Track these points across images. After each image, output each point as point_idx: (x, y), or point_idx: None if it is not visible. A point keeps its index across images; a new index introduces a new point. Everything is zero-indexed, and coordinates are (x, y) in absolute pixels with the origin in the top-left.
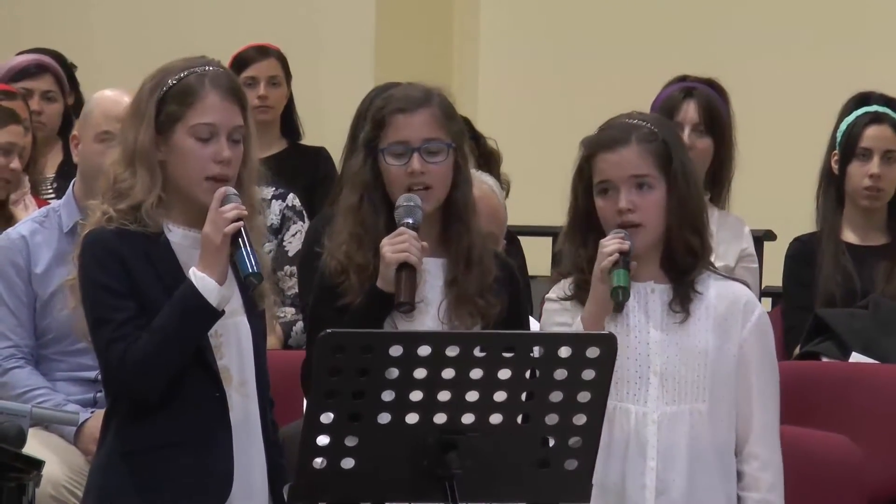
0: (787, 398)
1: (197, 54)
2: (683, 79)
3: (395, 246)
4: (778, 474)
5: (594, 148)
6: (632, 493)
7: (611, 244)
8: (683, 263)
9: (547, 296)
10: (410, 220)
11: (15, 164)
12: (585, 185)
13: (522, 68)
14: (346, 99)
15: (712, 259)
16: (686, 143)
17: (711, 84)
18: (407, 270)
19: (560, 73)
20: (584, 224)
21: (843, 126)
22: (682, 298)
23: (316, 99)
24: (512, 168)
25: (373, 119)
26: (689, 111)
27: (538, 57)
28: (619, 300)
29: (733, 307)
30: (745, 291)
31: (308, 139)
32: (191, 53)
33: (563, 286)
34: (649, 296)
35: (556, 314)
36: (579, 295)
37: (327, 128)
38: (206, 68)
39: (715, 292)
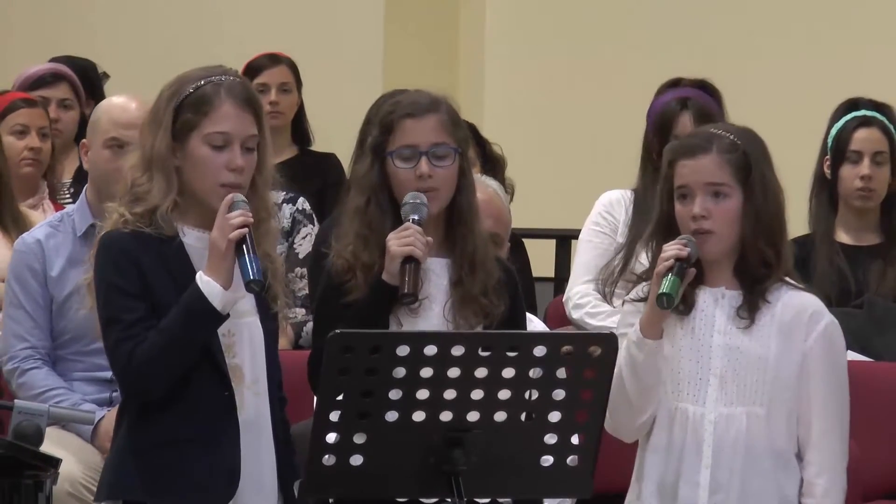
0: None
1: (211, 62)
2: (677, 82)
3: (401, 240)
4: (835, 481)
5: (676, 154)
6: (686, 492)
7: (670, 249)
8: (756, 273)
9: (626, 297)
10: (416, 217)
11: None
12: (668, 190)
13: (526, 77)
14: (356, 106)
15: None
16: None
17: (704, 85)
18: (412, 263)
19: (563, 80)
20: (665, 228)
21: (834, 131)
22: (751, 306)
23: (326, 106)
24: (516, 172)
25: (381, 123)
26: (685, 123)
27: (542, 65)
28: (662, 306)
29: (799, 317)
30: (813, 301)
31: (318, 145)
32: (205, 61)
33: (641, 288)
34: (719, 301)
35: (630, 315)
36: None
37: (336, 134)
38: (223, 78)
39: (784, 301)
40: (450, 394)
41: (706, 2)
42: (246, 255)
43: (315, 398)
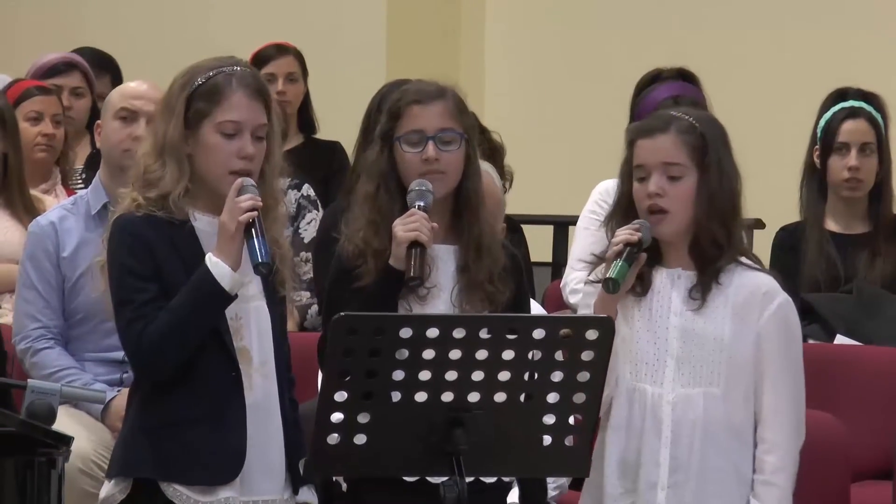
0: None
1: (217, 53)
2: (657, 75)
3: (407, 225)
4: (785, 457)
5: (635, 134)
6: (647, 470)
7: (621, 234)
8: (709, 253)
9: (587, 278)
10: (422, 203)
11: None
12: (629, 170)
13: (526, 66)
14: (360, 95)
15: None
16: None
17: (683, 75)
18: (417, 248)
19: (562, 69)
20: (625, 209)
21: (822, 122)
22: (704, 287)
23: (331, 95)
24: (515, 160)
25: (389, 111)
26: None
27: (541, 55)
28: (608, 290)
29: (752, 296)
30: (766, 281)
31: (323, 133)
32: (211, 52)
33: (600, 269)
34: (675, 281)
35: (590, 296)
36: None
37: (341, 122)
38: (234, 68)
39: (737, 282)
40: (451, 375)
41: None
42: (255, 239)
43: (320, 378)
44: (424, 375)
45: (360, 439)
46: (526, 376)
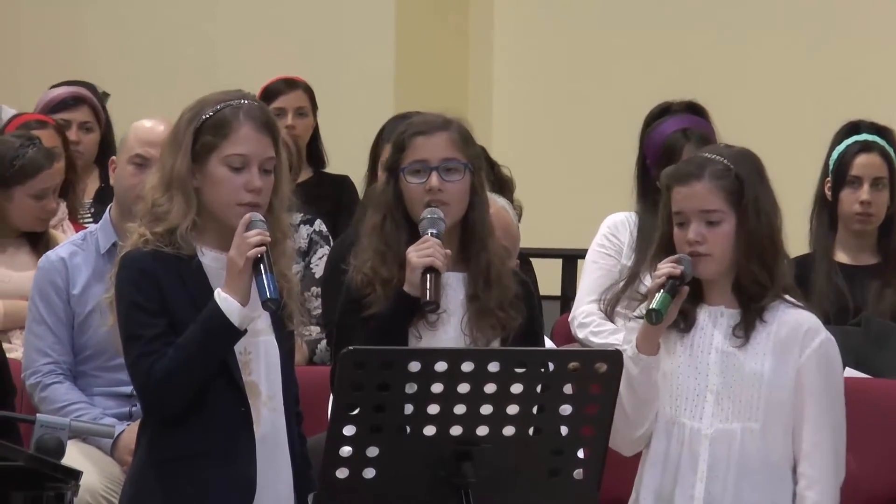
0: None
1: (227, 87)
2: (667, 108)
3: (421, 251)
4: (825, 494)
5: (671, 180)
6: (680, 503)
7: (663, 267)
8: (752, 292)
9: (632, 314)
10: (434, 231)
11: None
12: (668, 213)
13: (533, 101)
14: (368, 129)
15: None
16: None
17: (693, 108)
18: (432, 273)
19: (570, 104)
20: (666, 249)
21: (835, 154)
22: (747, 325)
23: (339, 129)
24: (524, 194)
25: (394, 143)
26: (690, 153)
27: (549, 90)
28: (651, 321)
29: (794, 333)
30: (808, 319)
31: (332, 167)
32: (221, 86)
33: (644, 306)
34: (718, 319)
35: (633, 332)
36: None
37: (350, 156)
38: (242, 101)
39: (780, 319)
40: (460, 408)
41: (716, 22)
42: (263, 274)
43: (329, 412)
44: (433, 409)
45: (368, 473)
46: (535, 410)
